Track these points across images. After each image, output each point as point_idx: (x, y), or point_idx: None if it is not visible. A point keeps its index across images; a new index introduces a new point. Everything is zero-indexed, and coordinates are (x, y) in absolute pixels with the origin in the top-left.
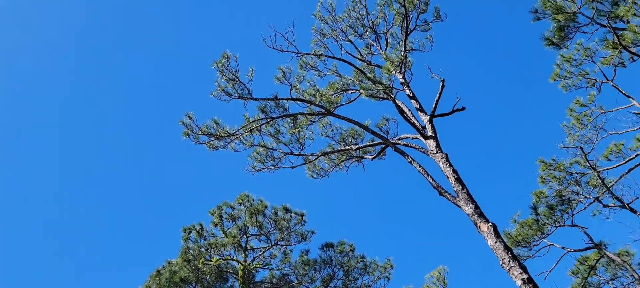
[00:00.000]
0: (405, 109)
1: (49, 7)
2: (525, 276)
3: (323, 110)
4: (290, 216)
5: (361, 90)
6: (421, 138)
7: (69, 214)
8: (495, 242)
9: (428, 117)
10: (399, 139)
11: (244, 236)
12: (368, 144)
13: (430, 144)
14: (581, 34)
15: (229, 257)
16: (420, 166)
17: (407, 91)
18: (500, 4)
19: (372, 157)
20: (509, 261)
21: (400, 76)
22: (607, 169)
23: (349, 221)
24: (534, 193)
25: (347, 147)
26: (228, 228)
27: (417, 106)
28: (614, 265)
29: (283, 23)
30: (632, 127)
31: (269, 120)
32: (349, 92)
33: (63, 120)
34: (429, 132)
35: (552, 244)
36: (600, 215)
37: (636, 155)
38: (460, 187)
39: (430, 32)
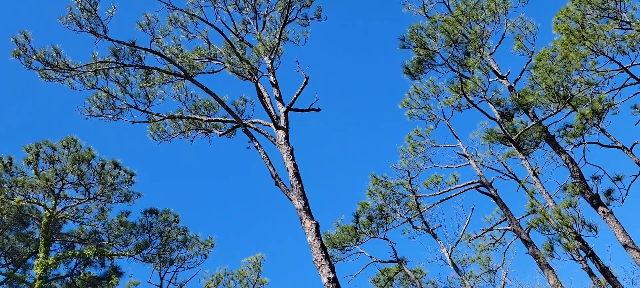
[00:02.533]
0: (265, 95)
1: None
2: (331, 275)
3: (182, 73)
4: (119, 173)
5: (227, 64)
6: (273, 127)
7: None
8: (314, 239)
9: (285, 109)
10: (252, 122)
11: (60, 182)
12: (220, 118)
13: (280, 134)
14: (435, 72)
15: (35, 201)
16: (265, 153)
17: (271, 78)
18: (381, 20)
19: (221, 133)
20: (322, 259)
21: (269, 61)
22: (424, 196)
23: (182, 192)
24: (359, 203)
25: (197, 117)
26: (43, 170)
27: (277, 95)
28: (408, 280)
29: None
30: (452, 164)
31: (119, 66)
32: (214, 62)
33: None
34: (282, 123)
35: (363, 252)
36: (408, 234)
37: (449, 190)
38: (297, 181)
39: (307, 28)
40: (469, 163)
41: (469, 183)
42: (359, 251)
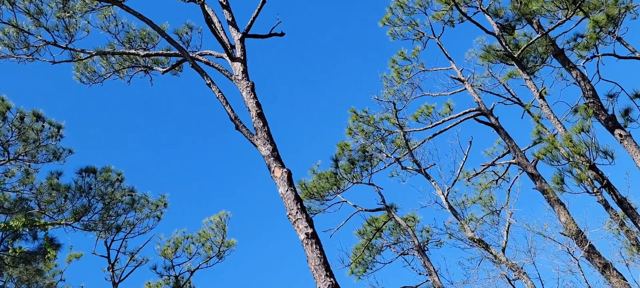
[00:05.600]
0: (215, 20)
1: None
2: (309, 230)
3: None
4: (43, 126)
5: None
6: (227, 58)
7: None
8: (287, 191)
9: (240, 35)
10: (201, 55)
11: None
12: (161, 52)
13: (237, 67)
14: None
15: None
16: (219, 91)
17: None
18: None
19: (164, 69)
20: (297, 213)
21: None
22: (414, 131)
23: (123, 145)
24: (338, 145)
25: (132, 51)
26: None
27: (230, 19)
28: (400, 229)
29: None
30: (446, 91)
31: None
32: None
33: None
34: (238, 54)
35: (346, 201)
36: (397, 177)
37: (443, 121)
38: (261, 123)
39: None
40: (465, 89)
41: (465, 112)
42: (340, 200)
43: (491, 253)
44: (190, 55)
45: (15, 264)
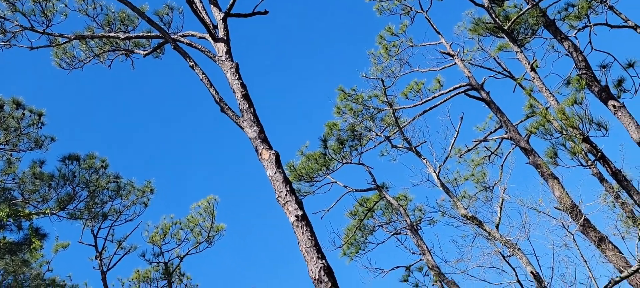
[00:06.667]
0: None
1: None
2: (299, 212)
3: None
4: (23, 114)
5: None
6: (210, 39)
7: None
8: (275, 173)
9: (222, 15)
10: (183, 36)
11: None
12: (141, 34)
13: (220, 48)
14: None
15: None
16: (203, 73)
17: None
18: None
19: (146, 52)
20: (286, 195)
21: None
22: (403, 108)
23: (106, 130)
24: (327, 124)
25: (112, 34)
26: None
27: None
28: (391, 209)
29: None
30: (435, 66)
31: None
32: None
33: None
34: (221, 34)
35: (336, 182)
36: (388, 156)
37: (433, 97)
38: (247, 105)
39: None
40: (455, 63)
41: (456, 88)
42: (330, 181)
43: (485, 230)
44: (172, 36)
45: (0, 255)
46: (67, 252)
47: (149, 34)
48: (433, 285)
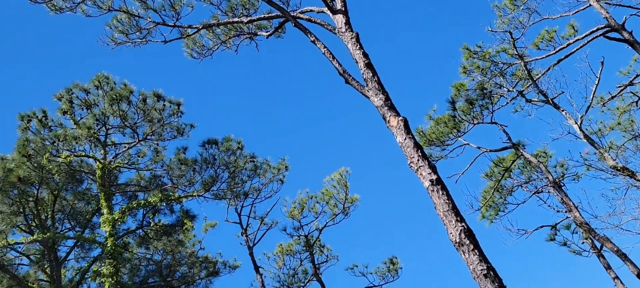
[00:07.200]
0: None
1: None
2: (433, 177)
3: None
4: (164, 105)
5: None
6: (328, 12)
7: None
8: (405, 139)
9: None
10: (302, 12)
11: (103, 128)
12: (263, 16)
13: (339, 19)
14: None
15: (82, 154)
16: (325, 47)
17: None
18: None
19: (268, 33)
20: (418, 160)
21: None
22: (536, 59)
23: (238, 113)
24: (453, 86)
25: (236, 19)
26: (81, 118)
27: None
28: (530, 167)
29: None
30: (568, 11)
31: None
32: None
33: None
34: (338, 5)
35: (468, 144)
36: (522, 112)
37: (568, 45)
38: (371, 74)
39: None
40: (590, 5)
41: (592, 31)
42: (462, 143)
43: (638, 180)
44: (292, 14)
45: (158, 237)
46: (216, 230)
47: (270, 15)
48: (583, 242)
